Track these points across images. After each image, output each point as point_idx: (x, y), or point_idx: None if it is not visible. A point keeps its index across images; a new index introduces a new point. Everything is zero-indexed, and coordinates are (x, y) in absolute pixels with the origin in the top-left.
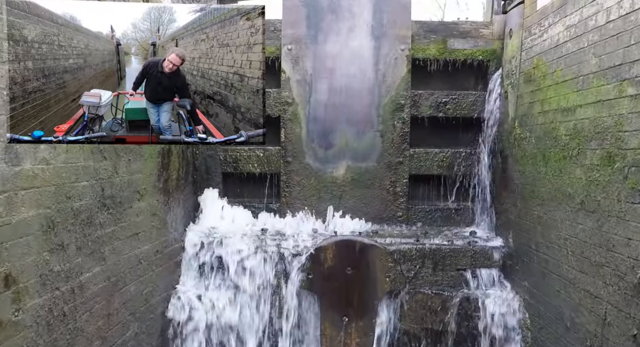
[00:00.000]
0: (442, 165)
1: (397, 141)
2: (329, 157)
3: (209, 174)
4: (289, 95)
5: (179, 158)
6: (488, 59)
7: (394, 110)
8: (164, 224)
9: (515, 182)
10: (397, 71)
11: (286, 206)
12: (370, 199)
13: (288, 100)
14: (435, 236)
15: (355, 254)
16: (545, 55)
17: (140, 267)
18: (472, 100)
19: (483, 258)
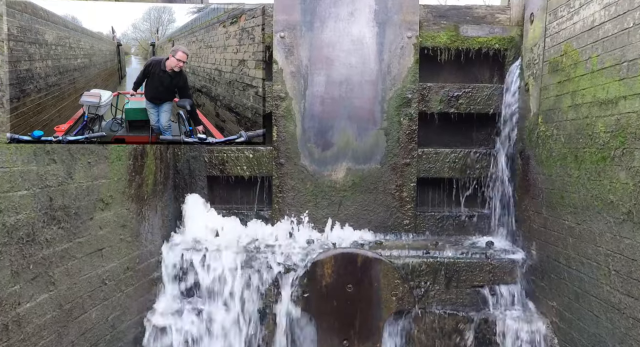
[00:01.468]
0: (454, 167)
1: (404, 140)
2: (327, 158)
3: (193, 178)
4: (281, 89)
5: (156, 160)
6: (505, 48)
7: (400, 105)
8: (136, 236)
9: (540, 186)
10: (403, 61)
11: (279, 214)
12: (374, 205)
13: (281, 94)
14: (447, 247)
15: (356, 269)
16: (577, 41)
17: (105, 289)
18: (488, 94)
19: (503, 273)
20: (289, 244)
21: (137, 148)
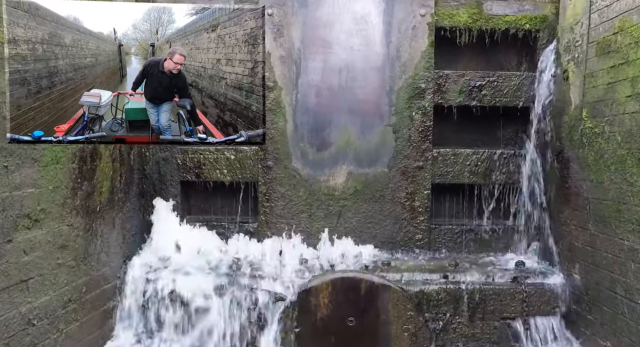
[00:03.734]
0: (475, 171)
1: (416, 139)
2: (324, 160)
3: (163, 184)
4: (269, 77)
5: (113, 162)
6: (537, 29)
7: (412, 96)
8: (82, 258)
9: (585, 196)
10: (415, 44)
11: (266, 227)
12: (380, 217)
13: (268, 83)
14: (469, 268)
15: (359, 298)
16: (639, 13)
17: (33, 332)
18: (516, 83)
19: (539, 302)
20: (278, 264)
21: (85, 148)
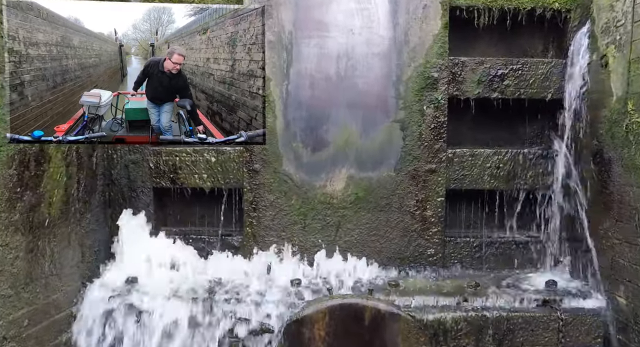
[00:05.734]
0: (497, 175)
1: (428, 137)
2: (320, 162)
3: (134, 191)
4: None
5: (68, 166)
6: (568, 8)
7: (423, 88)
8: (24, 285)
9: (632, 204)
10: (426, 26)
11: (252, 241)
12: (386, 228)
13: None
14: (492, 290)
15: (363, 329)
16: None
17: None
18: (544, 72)
19: (577, 331)
20: (266, 286)
21: (28, 150)
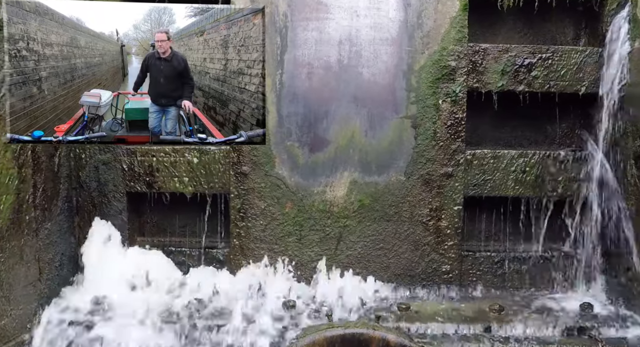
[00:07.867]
0: (522, 180)
1: (443, 136)
2: (319, 165)
3: (104, 196)
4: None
5: (20, 168)
6: None
7: (438, 79)
8: None
9: None
10: (443, 7)
11: (240, 254)
12: (394, 241)
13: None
14: (519, 315)
15: None
16: None
17: None
18: (577, 62)
19: None
20: (254, 309)
21: None
